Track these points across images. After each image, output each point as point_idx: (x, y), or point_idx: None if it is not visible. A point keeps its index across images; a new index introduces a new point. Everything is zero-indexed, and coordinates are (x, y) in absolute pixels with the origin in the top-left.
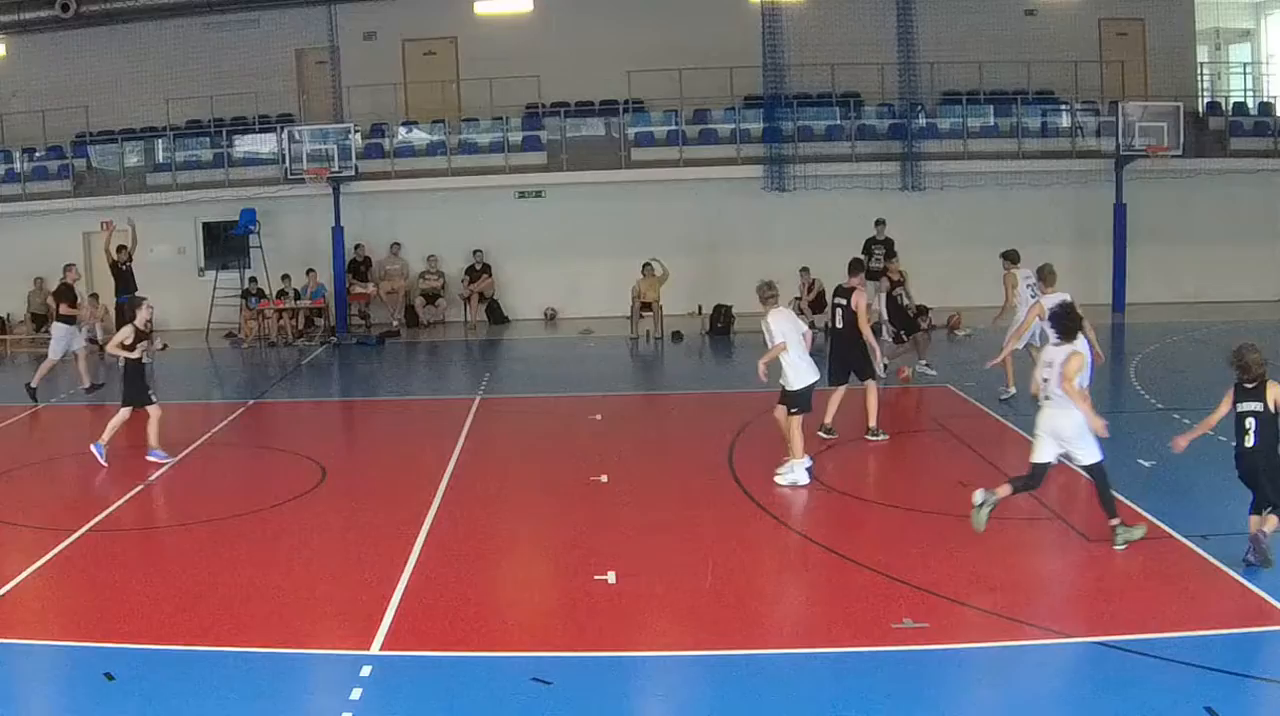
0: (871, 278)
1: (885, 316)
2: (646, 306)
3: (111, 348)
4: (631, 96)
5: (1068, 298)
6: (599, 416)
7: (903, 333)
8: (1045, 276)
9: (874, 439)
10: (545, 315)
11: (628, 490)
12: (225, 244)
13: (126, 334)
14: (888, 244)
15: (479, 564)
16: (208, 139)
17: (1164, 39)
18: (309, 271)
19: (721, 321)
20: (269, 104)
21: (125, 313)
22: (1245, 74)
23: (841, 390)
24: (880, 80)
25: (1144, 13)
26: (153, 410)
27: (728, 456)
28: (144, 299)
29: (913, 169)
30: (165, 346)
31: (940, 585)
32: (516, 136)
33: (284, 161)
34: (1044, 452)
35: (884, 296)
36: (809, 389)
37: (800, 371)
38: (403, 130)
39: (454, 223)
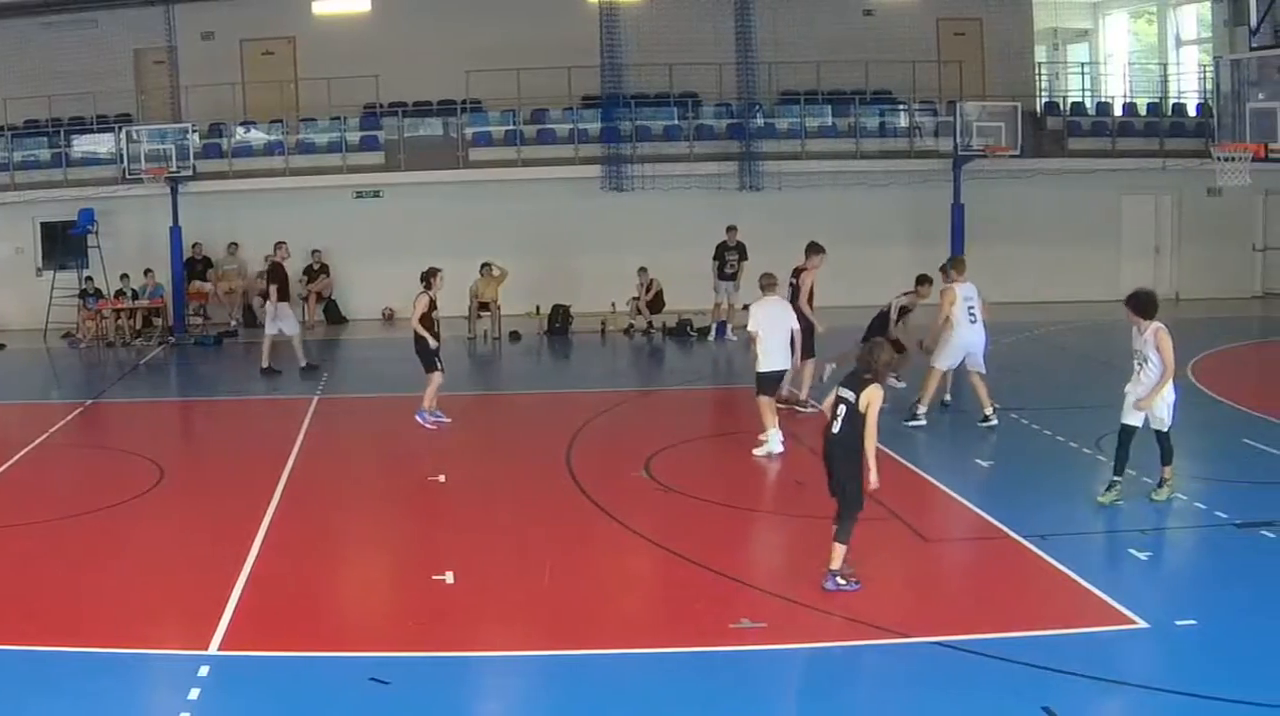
0: (728, 280)
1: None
2: (484, 306)
3: None
4: (469, 96)
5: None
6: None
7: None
8: (956, 266)
9: (802, 412)
10: (383, 315)
11: (465, 490)
12: (63, 244)
13: None
14: (740, 249)
15: (317, 563)
16: (45, 139)
17: (1002, 39)
18: (147, 271)
19: (559, 321)
20: (107, 104)
21: None
22: (1083, 74)
23: (810, 363)
24: (718, 80)
25: (982, 13)
26: None
27: (565, 456)
28: None
29: (750, 169)
30: (3, 346)
31: (779, 585)
32: (354, 136)
33: (122, 161)
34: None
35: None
36: (772, 374)
37: (767, 357)
38: (241, 130)
39: (292, 222)
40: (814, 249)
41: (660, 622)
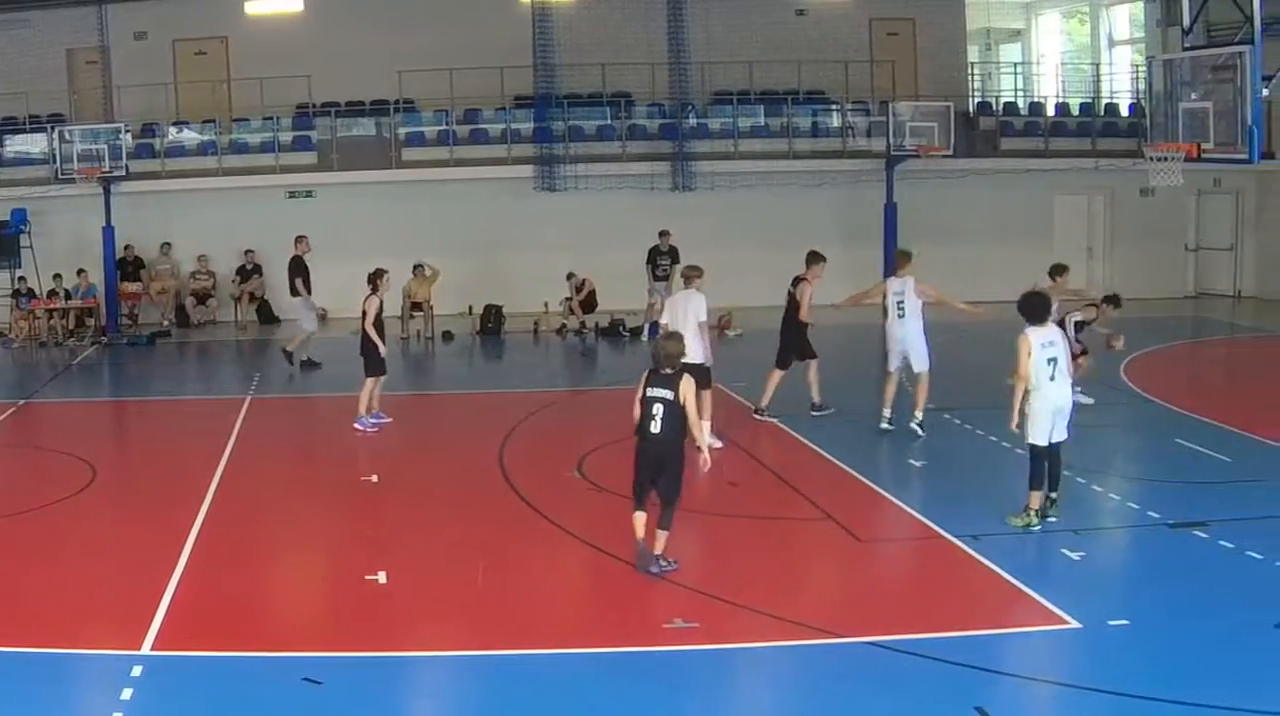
0: (661, 280)
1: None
2: (417, 306)
3: None
4: (402, 96)
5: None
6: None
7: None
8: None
9: (818, 414)
10: (316, 315)
11: (398, 490)
12: None
13: None
14: (673, 253)
15: (250, 563)
16: None
17: (935, 39)
18: (80, 271)
19: (492, 321)
20: (40, 104)
21: None
22: (1016, 74)
23: (779, 374)
24: (651, 80)
25: (914, 13)
26: None
27: (498, 456)
28: None
29: (683, 169)
30: None
31: (711, 585)
32: (287, 136)
33: (55, 161)
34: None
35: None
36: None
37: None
38: (174, 130)
39: (225, 222)
40: (814, 258)
41: (593, 622)
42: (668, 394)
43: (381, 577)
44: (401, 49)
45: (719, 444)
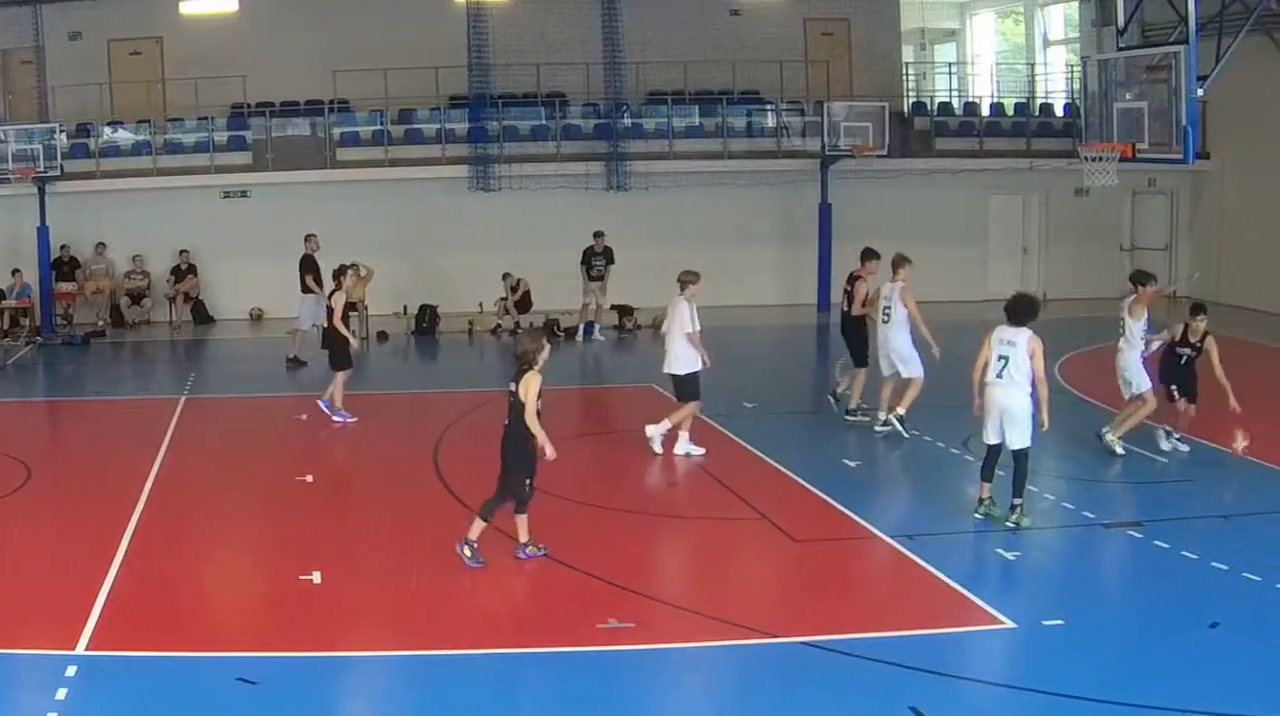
0: (596, 281)
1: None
2: (352, 306)
3: None
4: (337, 96)
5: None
6: (304, 416)
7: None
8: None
9: (851, 418)
10: (251, 315)
11: (333, 490)
12: None
13: None
14: (607, 253)
15: (185, 563)
16: None
17: (869, 39)
18: (14, 271)
19: (427, 321)
20: None
21: None
22: (950, 74)
23: (863, 372)
24: (585, 80)
25: (849, 13)
26: None
27: (433, 456)
28: None
29: (618, 169)
30: None
31: (646, 585)
32: (222, 136)
33: None
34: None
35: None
36: (671, 377)
37: (666, 358)
38: (109, 130)
39: (160, 222)
40: (869, 254)
41: (528, 622)
42: (511, 386)
43: (316, 577)
44: (336, 49)
45: (700, 451)
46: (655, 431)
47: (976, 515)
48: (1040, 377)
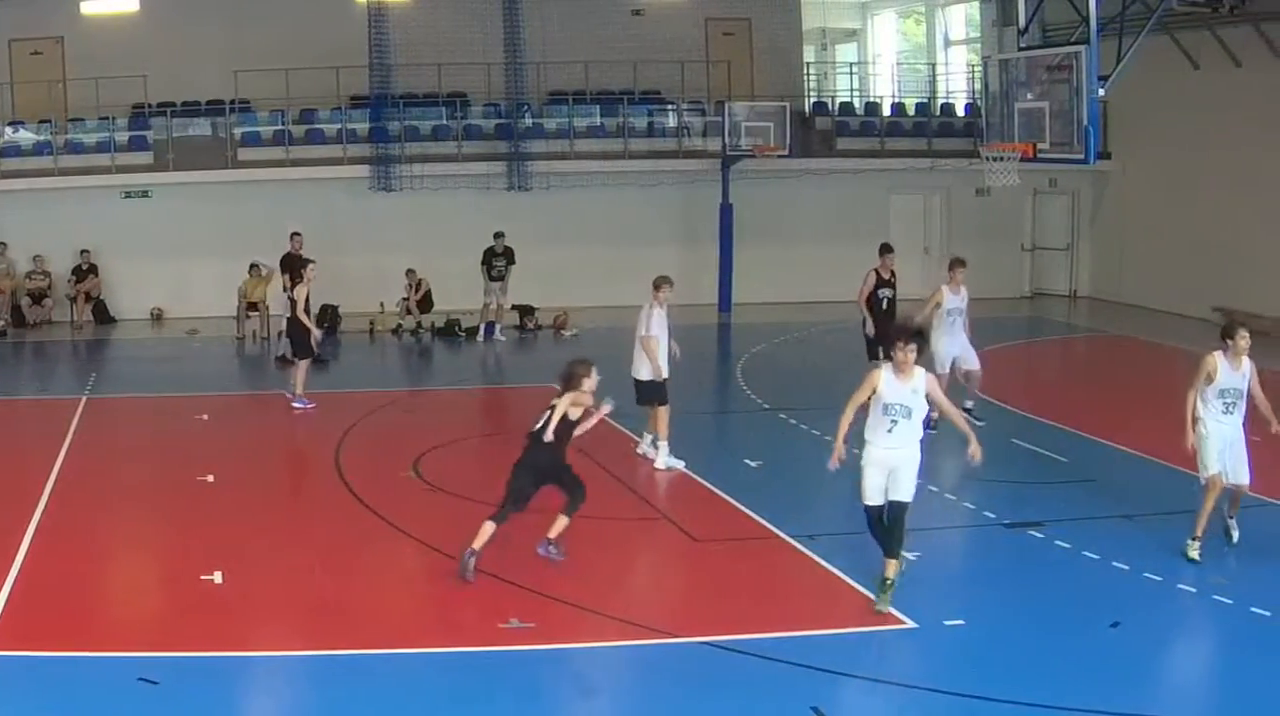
0: (497, 281)
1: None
2: (253, 306)
3: None
4: (238, 96)
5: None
6: (205, 416)
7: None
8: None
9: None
10: (152, 315)
11: (234, 490)
12: None
13: None
14: (508, 254)
15: (86, 564)
16: None
17: (770, 39)
18: None
19: (328, 321)
20: None
21: None
22: (852, 74)
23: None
24: (487, 80)
25: (750, 13)
26: None
27: (334, 457)
28: None
29: (519, 169)
30: None
31: (548, 585)
32: (123, 136)
33: None
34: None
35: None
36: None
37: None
38: (9, 130)
39: (61, 222)
40: (885, 249)
41: (429, 623)
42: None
43: (217, 577)
44: (237, 49)
45: (680, 464)
46: (660, 459)
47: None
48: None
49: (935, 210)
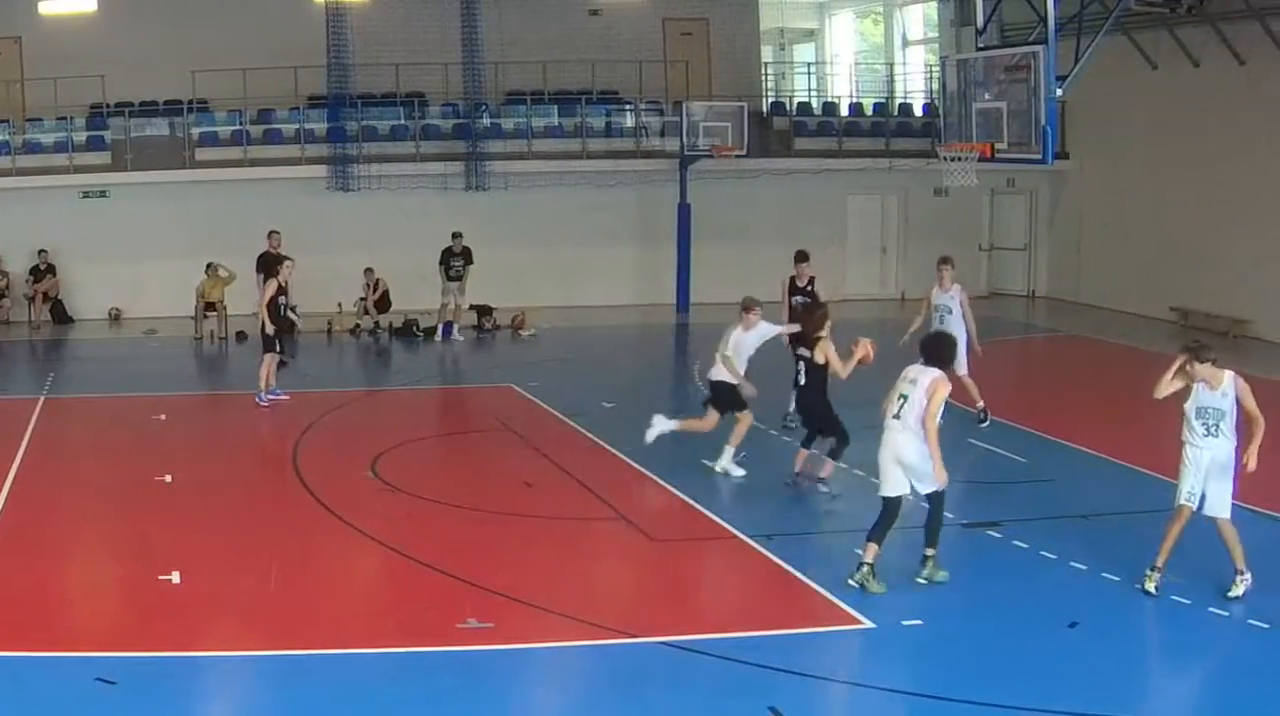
0: (455, 281)
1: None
2: (211, 306)
3: None
4: (196, 96)
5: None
6: (163, 416)
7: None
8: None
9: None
10: (110, 315)
11: (192, 490)
12: None
13: None
14: (466, 254)
15: (43, 563)
16: None
17: (728, 39)
18: None
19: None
20: None
21: None
22: (809, 74)
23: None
24: (445, 80)
25: (708, 12)
26: None
27: (292, 457)
28: None
29: (477, 169)
30: None
31: (506, 585)
32: (81, 136)
33: None
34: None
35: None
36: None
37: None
38: None
39: (18, 222)
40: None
41: (387, 623)
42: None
43: (175, 577)
44: (195, 49)
45: (740, 472)
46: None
47: (850, 582)
48: (930, 417)
49: (893, 210)
